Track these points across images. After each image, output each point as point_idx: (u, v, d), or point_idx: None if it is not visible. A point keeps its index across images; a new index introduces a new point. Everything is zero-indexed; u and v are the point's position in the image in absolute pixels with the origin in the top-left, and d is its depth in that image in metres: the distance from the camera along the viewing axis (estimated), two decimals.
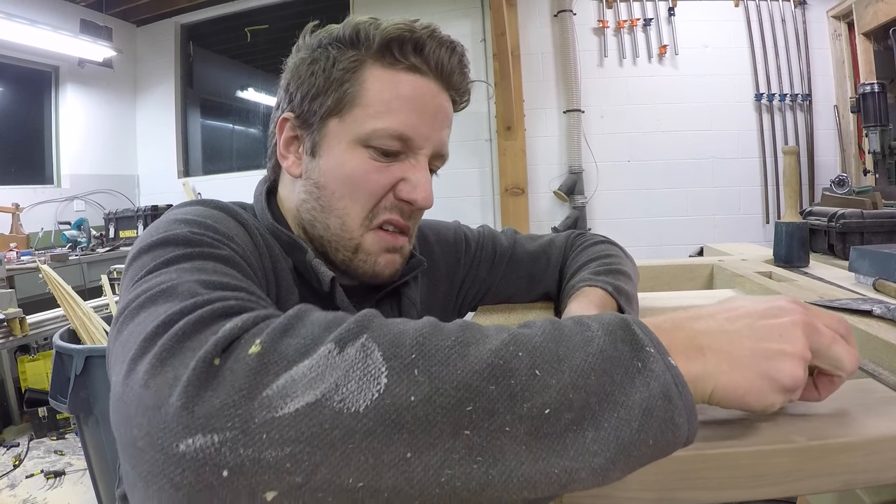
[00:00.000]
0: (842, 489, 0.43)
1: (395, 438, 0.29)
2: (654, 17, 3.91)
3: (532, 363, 0.33)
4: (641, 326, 0.38)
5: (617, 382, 0.34)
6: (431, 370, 0.31)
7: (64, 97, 4.33)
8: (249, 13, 4.65)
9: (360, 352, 0.32)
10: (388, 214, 0.66)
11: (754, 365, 0.38)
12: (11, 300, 2.19)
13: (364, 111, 0.62)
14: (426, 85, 0.64)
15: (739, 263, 1.14)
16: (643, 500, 0.41)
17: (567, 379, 0.33)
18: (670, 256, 1.38)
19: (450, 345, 0.33)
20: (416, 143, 0.64)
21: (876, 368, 0.56)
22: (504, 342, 0.34)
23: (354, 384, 0.30)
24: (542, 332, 0.36)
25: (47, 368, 2.77)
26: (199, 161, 5.01)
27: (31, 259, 3.24)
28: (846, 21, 3.74)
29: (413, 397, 0.30)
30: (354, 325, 0.34)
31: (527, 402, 0.32)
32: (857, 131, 3.69)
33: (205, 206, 0.58)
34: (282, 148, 0.69)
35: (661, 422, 0.34)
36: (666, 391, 0.35)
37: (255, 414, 0.29)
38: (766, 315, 0.40)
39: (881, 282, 0.88)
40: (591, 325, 0.37)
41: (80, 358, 1.54)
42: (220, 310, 0.37)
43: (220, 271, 0.45)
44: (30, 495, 2.23)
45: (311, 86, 0.64)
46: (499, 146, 4.00)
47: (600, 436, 0.33)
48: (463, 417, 0.31)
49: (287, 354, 0.32)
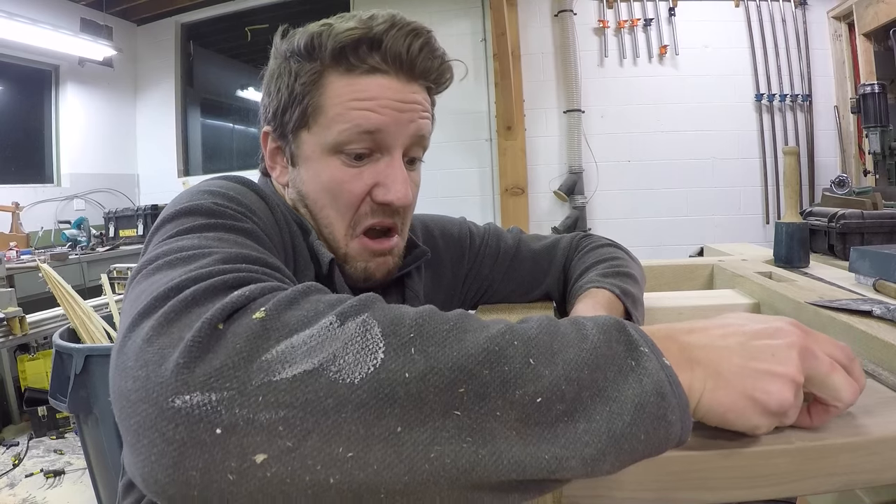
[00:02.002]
0: (842, 489, 0.43)
1: (386, 412, 0.30)
2: (654, 17, 3.91)
3: (527, 353, 0.34)
4: (636, 329, 0.38)
5: (610, 379, 0.34)
6: (428, 350, 0.32)
7: (64, 96, 4.33)
8: (249, 12, 4.64)
9: (360, 326, 0.33)
10: (370, 220, 0.66)
11: (741, 384, 0.37)
12: (11, 299, 2.19)
13: (328, 120, 0.63)
14: (388, 83, 0.63)
15: (739, 263, 1.14)
16: (643, 500, 0.41)
17: (560, 371, 0.33)
18: (670, 256, 1.38)
19: (448, 328, 0.34)
20: (386, 140, 0.63)
21: (876, 369, 0.56)
22: (500, 331, 0.35)
23: (352, 356, 0.31)
24: (539, 326, 0.36)
25: (47, 367, 2.77)
26: (199, 160, 5.00)
27: (30, 258, 3.23)
28: (846, 21, 3.74)
29: (408, 374, 0.31)
30: (357, 302, 0.35)
31: (519, 389, 0.32)
32: (857, 132, 3.69)
33: (230, 180, 0.60)
34: (268, 160, 0.71)
35: (653, 418, 0.34)
36: (659, 388, 0.35)
37: (254, 376, 0.30)
38: (760, 335, 0.39)
39: (881, 282, 0.88)
40: (586, 324, 0.38)
41: (79, 357, 1.54)
42: (232, 280, 0.37)
43: (240, 243, 0.46)
44: (29, 494, 2.23)
45: (279, 101, 0.65)
46: (499, 146, 4.00)
47: (592, 427, 0.33)
48: (455, 398, 0.31)
49: (289, 323, 0.33)
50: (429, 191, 4.54)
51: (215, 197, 0.53)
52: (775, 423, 0.39)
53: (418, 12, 4.11)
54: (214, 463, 0.28)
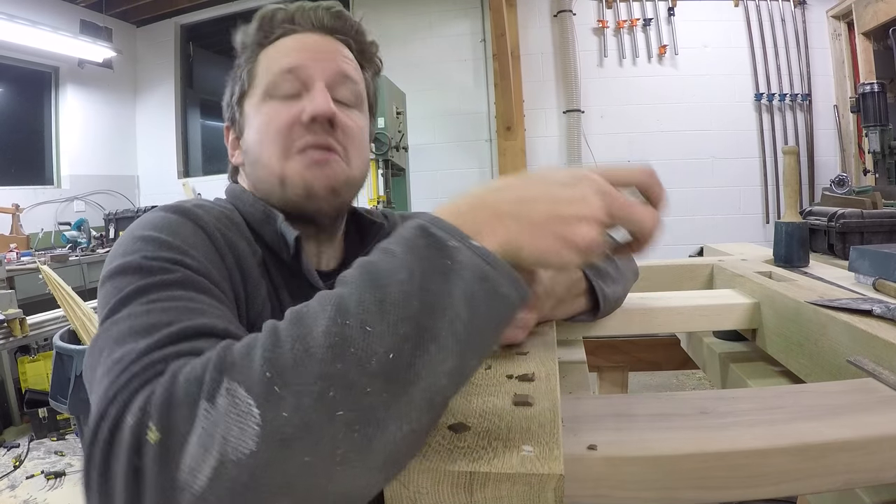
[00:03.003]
0: (842, 489, 0.43)
1: (290, 453, 0.33)
2: (653, 17, 3.91)
3: (360, 322, 0.36)
4: (438, 223, 0.40)
5: (435, 290, 0.37)
6: (286, 380, 0.34)
7: (64, 98, 4.33)
8: (249, 13, 4.57)
9: (227, 397, 0.34)
10: (303, 140, 0.67)
11: (551, 228, 0.41)
12: (11, 301, 2.20)
13: (260, 77, 0.70)
14: (303, 37, 0.71)
15: (739, 263, 1.14)
16: (644, 499, 0.41)
17: (394, 316, 0.36)
18: (670, 256, 1.38)
19: (290, 347, 0.35)
20: (306, 71, 0.68)
21: (876, 368, 0.56)
22: (330, 318, 0.36)
23: (237, 428, 0.33)
24: (356, 285, 0.38)
25: (47, 369, 2.77)
26: (198, 161, 5.01)
27: (31, 260, 3.24)
28: (846, 21, 3.74)
29: (285, 413, 0.33)
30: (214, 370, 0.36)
31: (372, 359, 0.35)
32: (856, 131, 3.69)
33: (165, 212, 0.60)
34: (230, 150, 0.77)
35: (486, 300, 0.38)
36: (479, 273, 0.38)
37: (181, 498, 0.32)
38: (562, 183, 0.43)
39: (881, 281, 0.88)
40: (394, 249, 0.39)
41: (80, 358, 1.54)
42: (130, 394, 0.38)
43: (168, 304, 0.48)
44: (30, 496, 2.23)
45: (228, 94, 0.75)
46: (499, 146, 4.00)
47: (442, 345, 0.36)
48: (330, 403, 0.34)
49: (178, 429, 0.34)
50: (429, 191, 4.55)
51: (147, 245, 0.54)
52: (585, 259, 0.42)
53: (418, 12, 4.12)
54: None
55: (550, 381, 0.51)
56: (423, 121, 4.08)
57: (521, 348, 0.61)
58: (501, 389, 0.49)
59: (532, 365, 0.56)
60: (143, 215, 0.61)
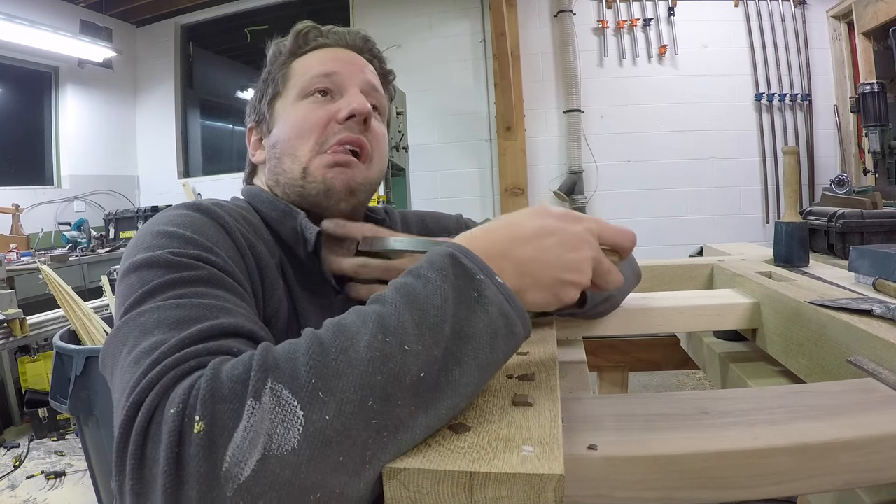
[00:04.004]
0: (842, 489, 0.43)
1: (328, 453, 0.36)
2: (653, 17, 3.92)
3: (400, 341, 0.40)
4: (468, 255, 0.46)
5: (463, 318, 0.43)
6: (330, 387, 0.37)
7: (64, 98, 4.33)
8: (249, 13, 4.65)
9: (272, 396, 0.37)
10: (338, 135, 0.71)
11: (552, 289, 0.49)
12: (12, 301, 2.20)
13: (294, 79, 0.75)
14: (336, 50, 0.77)
15: (739, 263, 1.14)
16: (644, 499, 0.41)
17: (429, 340, 0.41)
18: (670, 256, 1.38)
19: (334, 357, 0.39)
20: (341, 77, 0.73)
21: (876, 368, 0.56)
22: (372, 334, 0.40)
23: (281, 427, 0.36)
24: (395, 307, 0.42)
25: (47, 369, 2.77)
26: (199, 161, 5.01)
27: (31, 260, 3.24)
28: (846, 21, 3.74)
29: (328, 416, 0.37)
30: (259, 370, 0.38)
31: (406, 377, 0.39)
32: (856, 131, 3.69)
33: (188, 210, 0.61)
34: (251, 150, 0.80)
35: (505, 337, 0.45)
36: (502, 310, 0.45)
37: (226, 489, 0.34)
38: (570, 245, 0.50)
39: (881, 281, 0.88)
40: (428, 275, 0.44)
41: (80, 359, 1.54)
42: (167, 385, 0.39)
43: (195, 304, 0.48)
44: (30, 496, 2.23)
45: (257, 97, 0.79)
46: (499, 146, 4.00)
47: (464, 370, 0.42)
48: (368, 411, 0.38)
49: (225, 424, 0.36)
50: (429, 191, 4.56)
51: (173, 241, 0.55)
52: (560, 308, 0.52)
53: (418, 12, 4.12)
54: None
55: (550, 381, 0.51)
56: (423, 121, 4.08)
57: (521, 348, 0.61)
58: (501, 389, 0.49)
59: (532, 365, 0.56)
60: (162, 212, 0.62)
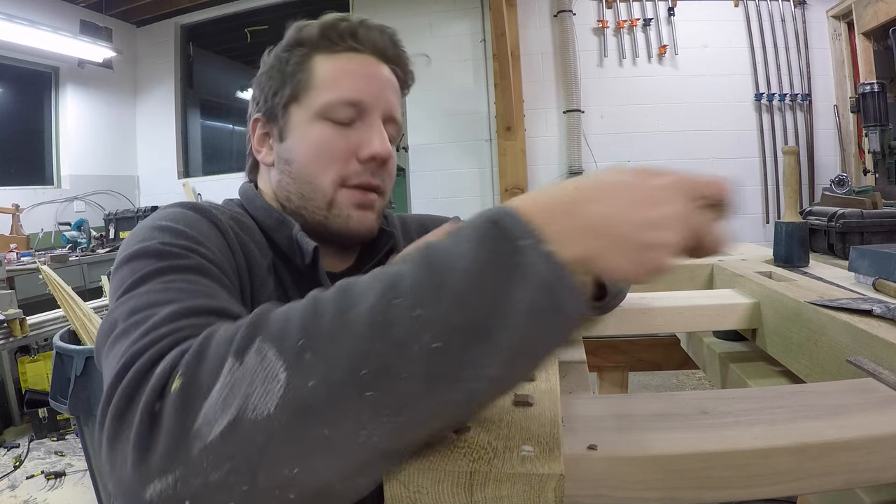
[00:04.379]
0: (842, 489, 0.43)
1: (309, 422, 0.33)
2: (653, 17, 3.91)
3: (411, 304, 0.34)
4: (512, 217, 0.37)
5: (496, 289, 0.34)
6: (319, 349, 0.34)
7: (64, 98, 4.33)
8: (249, 13, 4.65)
9: (256, 356, 0.34)
10: (359, 178, 0.70)
11: (633, 252, 0.39)
12: (12, 301, 2.20)
13: (317, 91, 0.70)
14: (365, 59, 0.72)
15: (739, 263, 1.14)
16: (644, 499, 0.41)
17: (447, 306, 0.34)
18: None
19: (330, 317, 0.35)
20: (367, 105, 0.70)
21: (876, 368, 0.56)
22: (379, 294, 0.35)
23: (259, 388, 0.33)
24: (414, 264, 0.36)
25: (47, 369, 2.77)
26: (198, 161, 5.01)
27: (31, 260, 3.24)
28: (846, 21, 3.74)
29: (311, 381, 0.33)
30: (248, 328, 0.36)
31: (415, 345, 0.33)
32: (856, 131, 3.69)
33: (182, 208, 0.62)
34: (255, 145, 0.76)
35: (548, 316, 0.35)
36: (546, 283, 0.35)
37: (192, 446, 0.33)
38: (650, 200, 0.41)
39: (881, 281, 0.88)
40: (461, 234, 0.37)
41: (80, 359, 1.54)
42: (162, 349, 0.40)
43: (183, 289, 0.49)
44: (30, 496, 2.23)
45: (270, 86, 0.73)
46: (499, 146, 4.00)
47: (490, 349, 0.34)
48: (361, 382, 0.33)
49: (203, 382, 0.35)
50: (429, 191, 4.56)
51: (164, 234, 0.56)
52: (653, 279, 0.41)
53: (418, 12, 4.12)
54: None
55: (550, 381, 0.51)
56: (422, 121, 4.08)
57: None
58: None
59: None
60: (158, 210, 0.63)
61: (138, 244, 0.54)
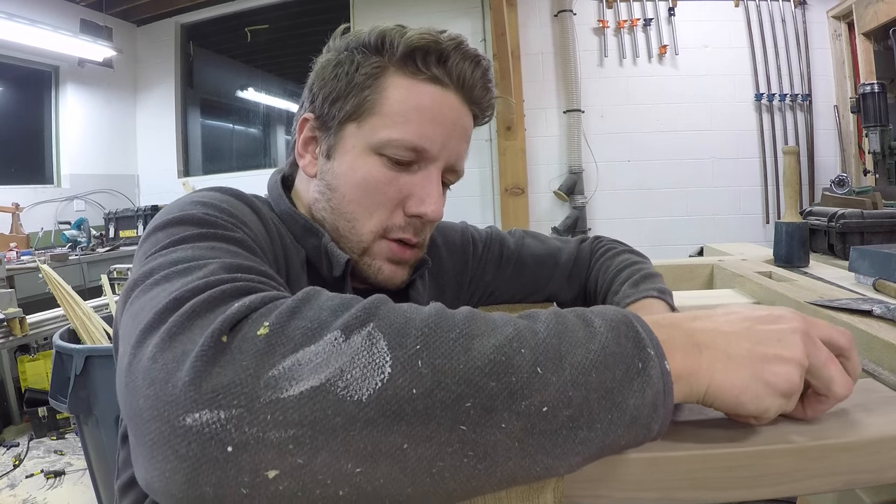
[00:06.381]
0: (842, 489, 0.43)
1: (394, 429, 0.30)
2: (654, 17, 3.91)
3: (534, 360, 0.33)
4: (643, 325, 0.38)
5: (617, 380, 0.35)
6: (434, 363, 0.32)
7: (64, 97, 4.33)
8: (249, 13, 4.64)
9: (365, 340, 0.32)
10: (401, 233, 0.65)
11: (751, 366, 0.38)
12: (11, 300, 2.19)
13: (381, 120, 0.62)
14: (446, 97, 0.64)
15: (739, 263, 1.14)
16: (644, 499, 0.41)
17: (568, 376, 0.33)
18: (670, 256, 1.38)
19: (455, 337, 0.33)
20: (430, 155, 0.64)
21: (876, 368, 0.56)
22: (508, 337, 0.34)
23: (359, 371, 0.31)
24: (546, 326, 0.36)
25: (47, 368, 2.77)
26: (199, 161, 5.01)
27: (31, 259, 3.24)
28: (846, 21, 3.74)
29: (415, 390, 0.31)
30: (362, 311, 0.34)
31: (525, 400, 0.32)
32: (857, 131, 3.69)
33: (221, 192, 0.59)
34: (300, 147, 0.69)
35: (641, 428, 0.36)
36: (655, 400, 0.36)
37: (261, 393, 0.30)
38: (765, 320, 0.40)
39: (881, 282, 0.88)
40: (594, 321, 0.37)
41: (80, 358, 1.54)
42: (231, 290, 0.37)
43: (233, 252, 0.46)
44: (30, 495, 2.23)
45: (332, 88, 0.64)
46: (499, 146, 4.00)
47: (590, 436, 0.34)
48: (461, 413, 0.31)
49: (294, 337, 0.32)
50: None
51: (206, 207, 0.52)
52: (783, 407, 0.39)
53: (418, 12, 4.11)
54: (227, 479, 0.29)
55: None
56: None
57: None
58: None
59: None
60: (195, 191, 0.59)
61: (178, 212, 0.50)
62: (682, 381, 0.38)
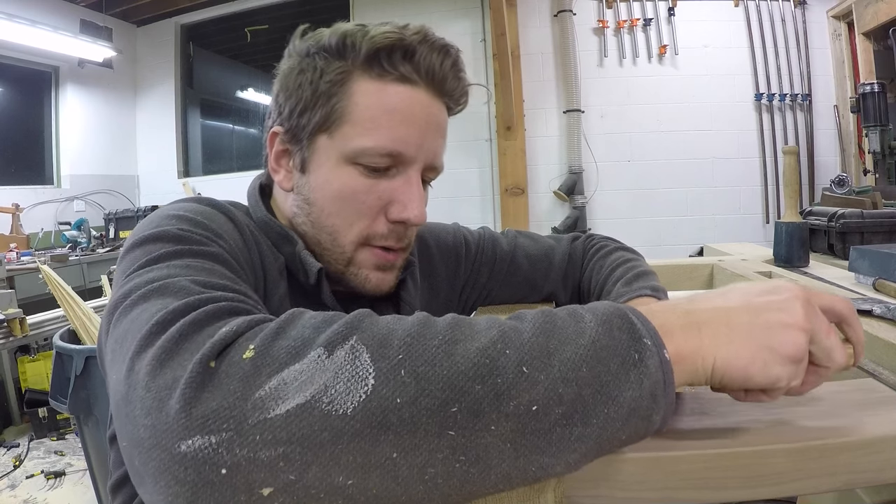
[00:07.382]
0: (842, 489, 0.43)
1: (381, 439, 0.31)
2: (654, 17, 3.91)
3: (520, 360, 0.33)
4: (638, 316, 0.38)
5: (612, 373, 0.35)
6: (418, 371, 0.32)
7: (64, 97, 4.33)
8: (249, 13, 4.64)
9: (348, 354, 0.33)
10: (384, 241, 0.64)
11: (755, 336, 0.37)
12: (11, 300, 2.19)
13: (353, 128, 0.60)
14: (416, 95, 0.61)
15: (739, 263, 1.14)
16: (644, 499, 0.41)
17: (557, 373, 0.33)
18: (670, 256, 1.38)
19: (437, 344, 0.33)
20: (407, 158, 0.62)
21: (876, 368, 0.56)
22: (492, 339, 0.34)
23: (343, 385, 0.31)
24: (533, 325, 0.36)
25: (47, 369, 2.77)
26: (199, 161, 5.01)
27: (31, 259, 3.24)
28: (846, 21, 3.74)
29: (399, 399, 0.31)
30: (345, 326, 0.34)
31: (513, 400, 0.32)
32: (857, 131, 3.69)
33: (197, 202, 0.59)
34: (273, 162, 0.67)
35: (640, 420, 0.36)
36: (654, 390, 0.35)
37: (249, 415, 0.31)
38: (763, 292, 0.40)
39: (881, 282, 0.88)
40: (584, 316, 0.37)
41: (80, 358, 1.54)
42: (214, 311, 0.38)
43: (207, 269, 0.46)
44: (30, 496, 2.23)
45: (298, 99, 0.62)
46: (499, 146, 4.00)
47: (587, 432, 0.34)
48: (448, 418, 0.31)
49: (279, 357, 0.33)
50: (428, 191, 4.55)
51: (181, 222, 0.52)
52: (793, 375, 0.38)
53: (418, 12, 4.11)
54: (225, 499, 0.30)
55: None
56: None
57: None
58: None
59: None
60: (171, 203, 0.59)
61: (154, 229, 0.50)
62: (685, 362, 0.37)
